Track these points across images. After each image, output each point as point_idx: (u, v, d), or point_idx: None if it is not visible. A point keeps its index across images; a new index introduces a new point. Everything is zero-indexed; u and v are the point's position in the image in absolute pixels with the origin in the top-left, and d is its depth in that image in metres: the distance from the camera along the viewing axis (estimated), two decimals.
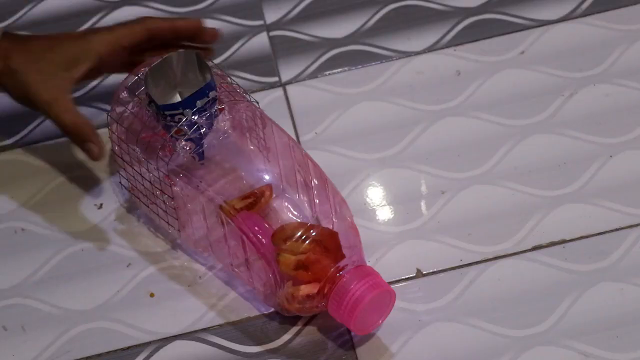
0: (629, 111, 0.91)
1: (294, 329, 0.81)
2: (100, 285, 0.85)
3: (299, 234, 0.76)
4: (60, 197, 0.91)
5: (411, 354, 0.79)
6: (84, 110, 0.97)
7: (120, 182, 0.88)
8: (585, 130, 0.90)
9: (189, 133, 0.79)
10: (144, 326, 0.83)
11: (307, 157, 0.80)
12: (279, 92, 0.97)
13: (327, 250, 0.76)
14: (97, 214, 0.90)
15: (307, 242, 0.76)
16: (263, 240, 0.77)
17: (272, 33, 1.02)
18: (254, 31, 1.02)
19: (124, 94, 0.84)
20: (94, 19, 1.05)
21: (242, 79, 0.98)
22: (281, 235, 0.77)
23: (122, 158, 0.84)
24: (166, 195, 0.81)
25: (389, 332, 0.80)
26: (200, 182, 0.80)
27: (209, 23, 1.03)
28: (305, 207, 0.80)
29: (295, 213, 0.80)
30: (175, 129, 0.79)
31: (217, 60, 1.00)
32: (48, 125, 0.97)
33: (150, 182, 0.82)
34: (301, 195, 0.81)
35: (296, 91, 0.97)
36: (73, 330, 0.83)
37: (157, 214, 0.84)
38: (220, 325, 0.82)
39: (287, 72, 0.98)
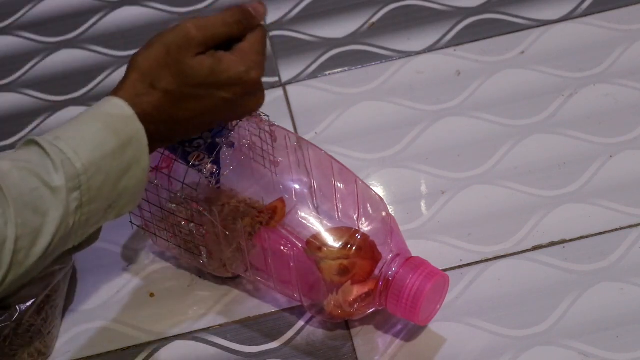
0: (629, 111, 0.91)
1: (294, 329, 0.81)
2: (100, 285, 0.85)
3: (343, 240, 0.77)
4: None
5: (411, 354, 0.78)
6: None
7: (130, 222, 0.85)
8: (585, 130, 0.90)
9: (213, 156, 0.77)
10: (144, 326, 0.83)
11: (330, 158, 0.80)
12: (279, 92, 0.97)
13: (363, 251, 0.76)
14: None
15: (354, 247, 0.76)
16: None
17: (272, 33, 1.02)
18: None
19: None
20: (94, 19, 1.05)
21: None
22: (315, 244, 0.77)
23: None
24: (192, 224, 0.79)
25: (388, 331, 0.80)
26: (223, 204, 0.79)
27: None
28: (328, 213, 0.79)
29: (316, 222, 0.79)
30: (196, 154, 0.77)
31: None
32: (48, 125, 0.97)
33: (173, 214, 0.79)
34: (321, 203, 0.80)
35: (296, 91, 0.97)
36: (73, 330, 0.83)
37: (180, 247, 0.82)
38: (220, 325, 0.82)
39: (287, 72, 0.98)
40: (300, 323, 0.81)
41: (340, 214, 0.79)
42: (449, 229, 0.85)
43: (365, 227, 0.78)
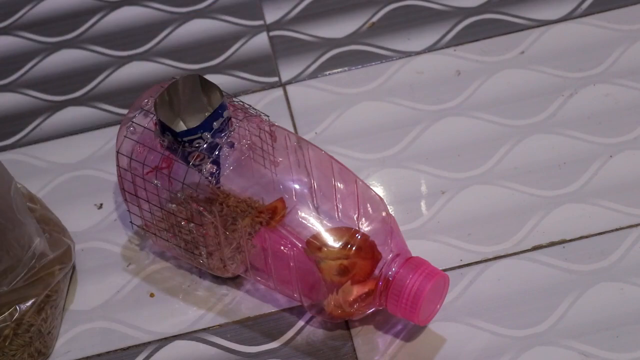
0: (629, 111, 0.91)
1: (294, 329, 0.81)
2: (100, 285, 0.85)
3: (343, 240, 0.76)
4: (60, 197, 0.91)
5: (411, 354, 0.79)
6: (84, 110, 0.98)
7: (130, 222, 0.85)
8: (585, 130, 0.90)
9: (213, 156, 0.77)
10: (144, 326, 0.83)
11: (330, 158, 0.80)
12: (279, 92, 0.97)
13: (363, 251, 0.76)
14: (97, 214, 0.90)
15: (354, 247, 0.76)
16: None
17: (272, 33, 1.02)
18: (254, 31, 1.02)
19: (131, 128, 0.80)
20: (94, 19, 1.05)
21: (242, 79, 0.98)
22: (315, 244, 0.77)
23: (136, 195, 0.81)
24: (192, 224, 0.79)
25: (388, 331, 0.80)
26: (222, 204, 0.79)
27: (209, 23, 1.03)
28: (328, 213, 0.79)
29: (316, 222, 0.79)
30: (196, 154, 0.76)
31: (217, 61, 1.00)
32: (48, 125, 0.97)
33: (173, 214, 0.79)
34: (321, 203, 0.80)
35: (296, 91, 0.97)
36: (73, 330, 0.83)
37: (180, 246, 0.82)
38: (220, 325, 0.82)
39: (287, 72, 0.98)
40: (300, 323, 0.81)
41: (340, 214, 0.79)
42: (449, 229, 0.85)
43: (365, 227, 0.78)
